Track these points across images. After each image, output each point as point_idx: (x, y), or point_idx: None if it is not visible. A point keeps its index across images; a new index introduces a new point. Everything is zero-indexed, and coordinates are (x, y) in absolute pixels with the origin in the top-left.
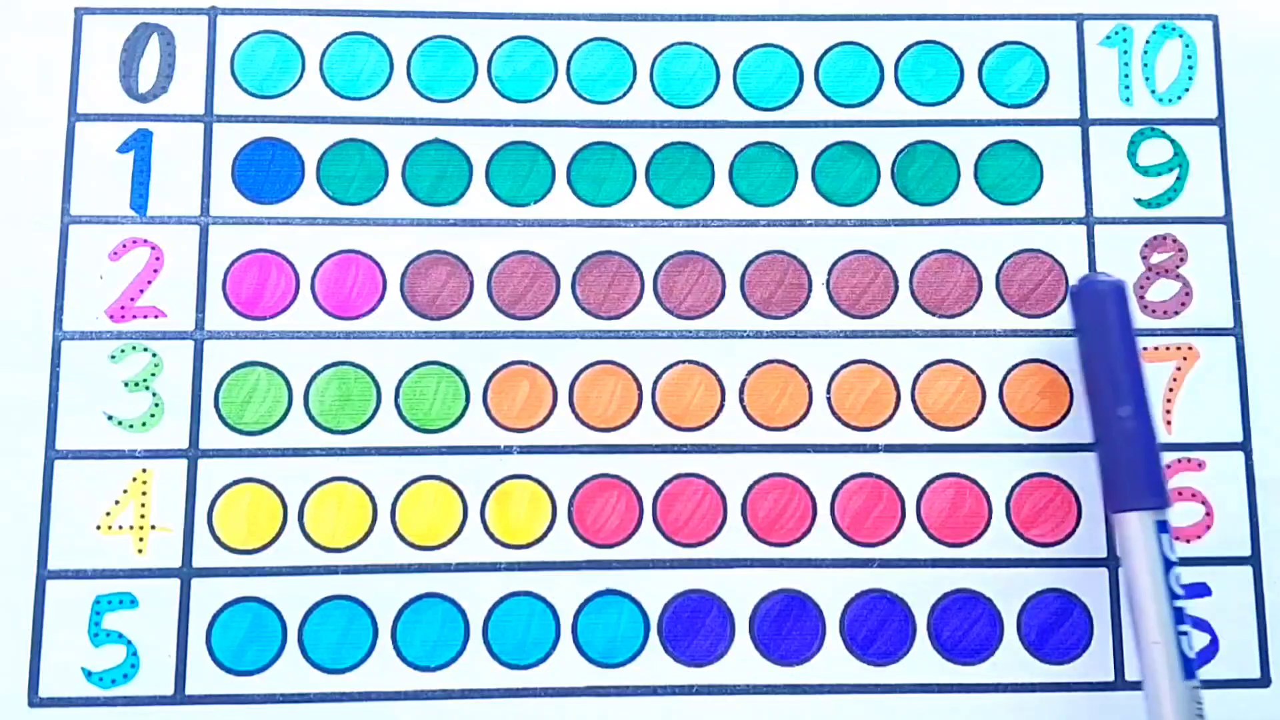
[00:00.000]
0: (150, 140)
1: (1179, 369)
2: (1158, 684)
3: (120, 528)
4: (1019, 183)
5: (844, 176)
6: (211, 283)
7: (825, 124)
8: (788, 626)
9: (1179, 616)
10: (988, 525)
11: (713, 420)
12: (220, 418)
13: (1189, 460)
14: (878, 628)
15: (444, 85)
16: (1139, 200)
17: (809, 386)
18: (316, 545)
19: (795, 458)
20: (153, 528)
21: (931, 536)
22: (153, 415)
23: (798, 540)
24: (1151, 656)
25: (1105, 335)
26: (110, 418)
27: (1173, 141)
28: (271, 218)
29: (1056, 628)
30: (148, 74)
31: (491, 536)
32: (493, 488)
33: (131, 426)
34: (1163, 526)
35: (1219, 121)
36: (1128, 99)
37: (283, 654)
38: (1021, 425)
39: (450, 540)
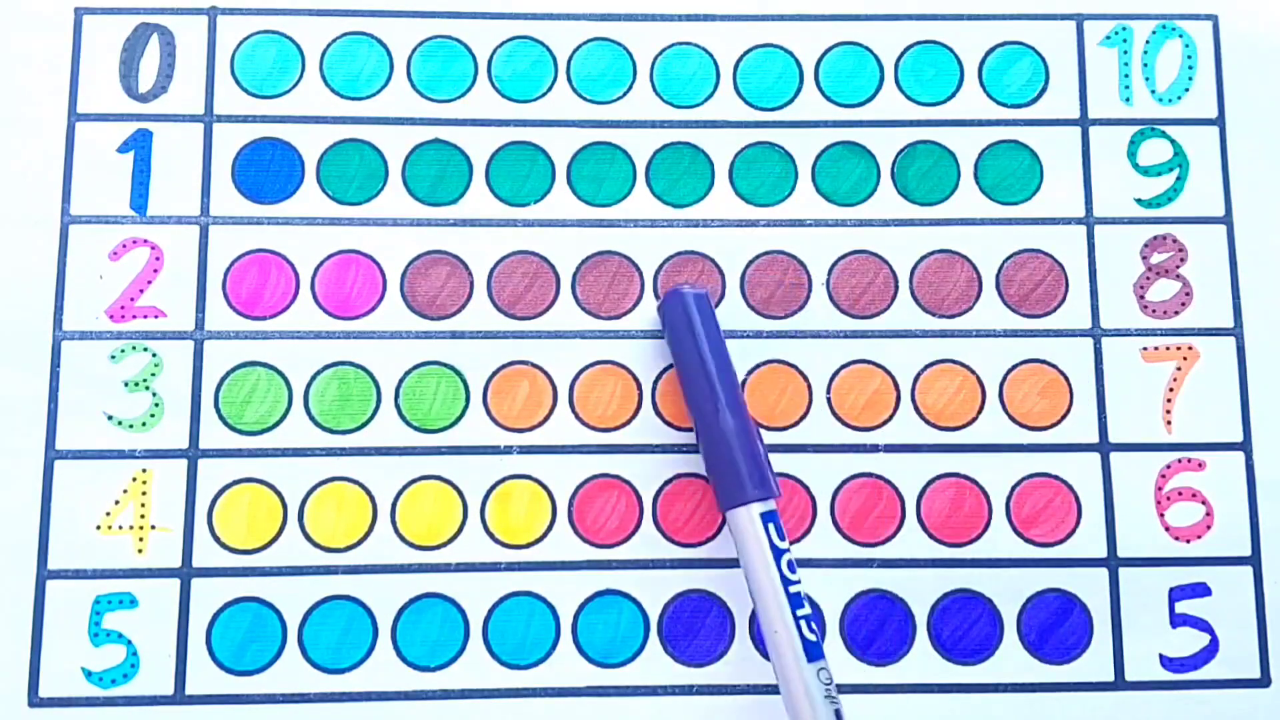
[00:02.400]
0: (150, 140)
1: (1179, 369)
2: (785, 670)
3: (120, 528)
4: (1019, 183)
5: (844, 176)
6: (211, 283)
7: (825, 124)
8: None
9: (796, 602)
10: (988, 525)
11: None
12: (220, 418)
13: (1189, 460)
14: (878, 628)
15: (444, 85)
16: (1139, 200)
17: (809, 386)
18: (316, 545)
19: (796, 458)
20: (153, 528)
21: (931, 536)
22: (153, 415)
23: (797, 540)
24: (775, 644)
25: (691, 341)
26: (110, 418)
27: (1173, 141)
28: (271, 218)
29: (1056, 628)
30: (148, 74)
31: (491, 536)
32: (493, 488)
33: (131, 426)
34: (769, 517)
35: (1219, 121)
36: (1128, 99)
37: (283, 654)
38: (1021, 425)
39: (450, 540)
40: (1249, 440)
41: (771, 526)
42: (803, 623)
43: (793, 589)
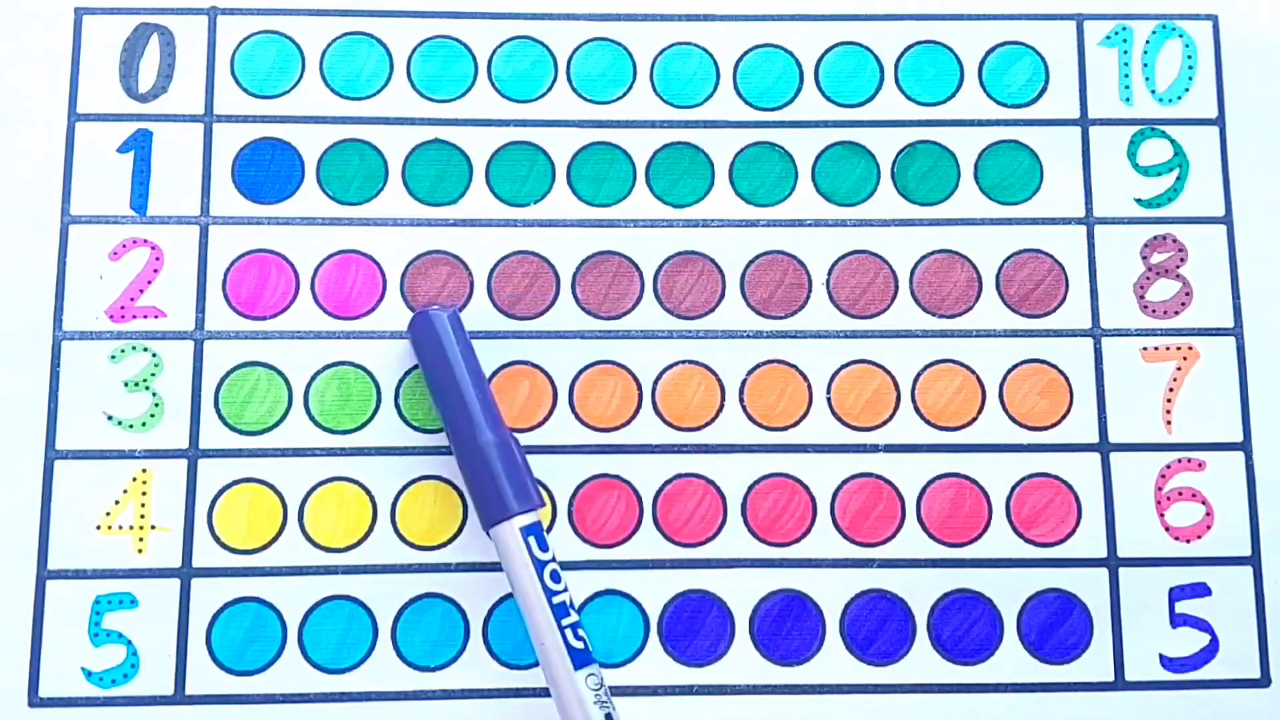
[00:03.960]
0: (150, 140)
1: (1179, 369)
2: (555, 679)
3: (120, 528)
4: (1019, 183)
5: (844, 176)
6: (211, 283)
7: (825, 124)
8: (788, 626)
9: (561, 611)
10: (988, 525)
11: (713, 420)
12: (220, 418)
13: (1189, 460)
14: (878, 628)
15: (444, 85)
16: (1139, 200)
17: (809, 386)
18: (316, 545)
19: (795, 458)
20: (153, 528)
21: (931, 536)
22: (153, 415)
23: (798, 540)
24: (544, 654)
25: (443, 362)
26: (110, 418)
27: (1173, 141)
28: (271, 218)
29: (1056, 628)
30: (148, 74)
31: None
32: None
33: (131, 426)
34: (530, 529)
35: (1219, 121)
36: (1128, 99)
37: (283, 654)
38: (1021, 425)
39: (450, 540)
40: (1249, 440)
41: (533, 539)
42: (569, 631)
43: (557, 599)
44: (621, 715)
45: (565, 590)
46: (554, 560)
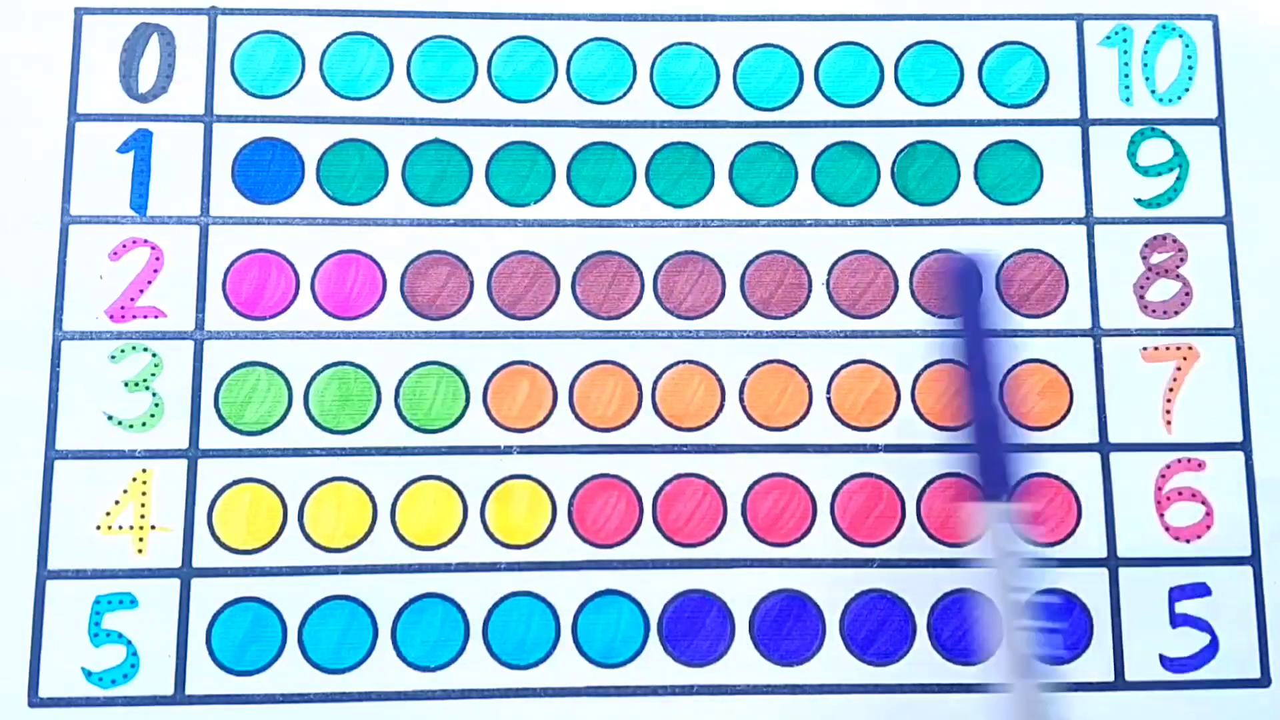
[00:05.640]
0: (150, 140)
1: (1179, 369)
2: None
3: (120, 528)
4: (1019, 183)
5: (844, 176)
6: (211, 283)
7: (825, 124)
8: (788, 626)
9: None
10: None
11: (713, 420)
12: (220, 418)
13: (1189, 460)
14: (878, 628)
15: (444, 85)
16: (1139, 200)
17: (809, 386)
18: (316, 545)
19: (795, 458)
20: (153, 528)
21: (931, 536)
22: (153, 415)
23: (797, 540)
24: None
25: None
26: (110, 418)
27: (1173, 141)
28: (271, 218)
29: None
30: (148, 74)
31: (491, 536)
32: (493, 488)
33: (131, 426)
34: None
35: (1219, 121)
36: (1128, 99)
37: (283, 654)
38: (1021, 425)
39: (450, 540)
40: (1249, 440)
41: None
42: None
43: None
44: (619, 715)
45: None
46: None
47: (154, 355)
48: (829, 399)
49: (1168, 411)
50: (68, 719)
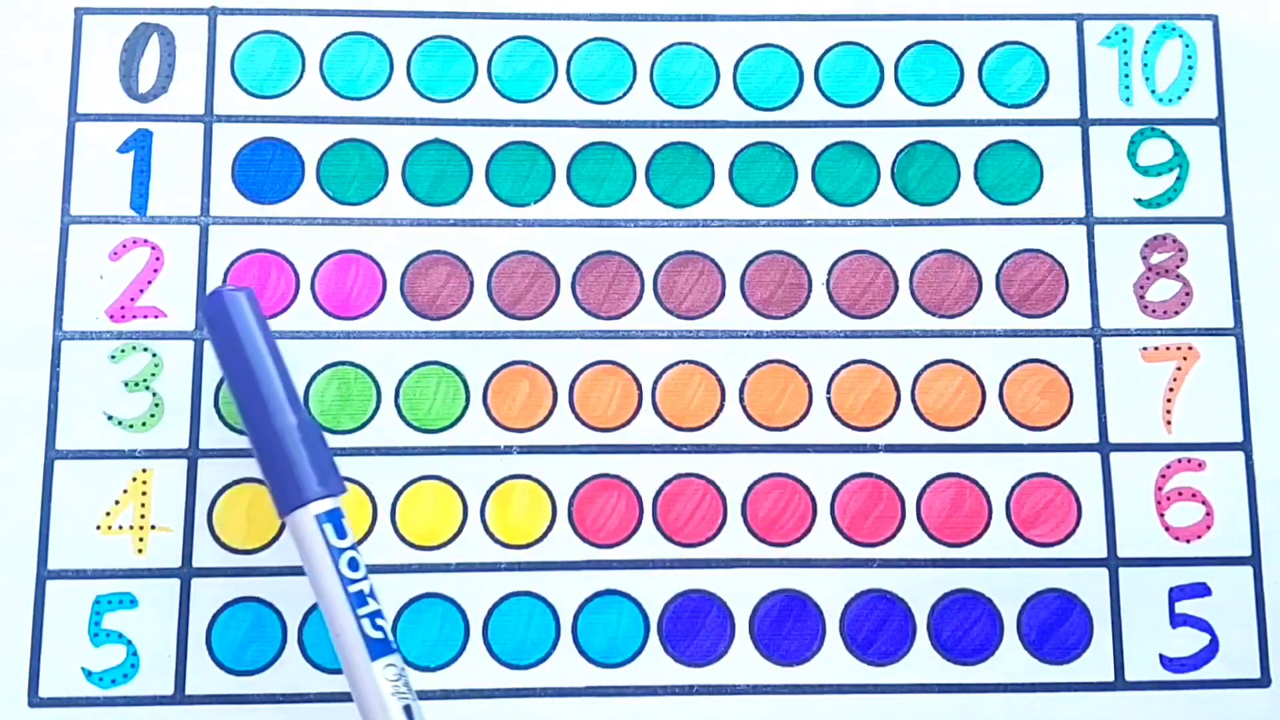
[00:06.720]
0: (150, 140)
1: (1179, 369)
2: (352, 670)
3: (120, 528)
4: (1019, 183)
5: (844, 176)
6: (211, 283)
7: (825, 124)
8: (788, 626)
9: (358, 600)
10: (988, 525)
11: (713, 420)
12: (220, 417)
13: (1189, 460)
14: (878, 628)
15: (444, 85)
16: (1139, 200)
17: (809, 386)
18: None
19: (795, 458)
20: (153, 528)
21: (931, 536)
22: (153, 415)
23: (798, 540)
24: (340, 645)
25: (236, 344)
26: (110, 418)
27: (1173, 141)
28: (271, 218)
29: (1056, 628)
30: (148, 74)
31: (491, 536)
32: (493, 488)
33: (131, 426)
34: (328, 516)
35: (1219, 121)
36: (1128, 99)
37: (283, 654)
38: (1021, 425)
39: (450, 540)
40: (1249, 440)
41: (329, 526)
42: (366, 621)
43: (354, 588)
44: (619, 715)
45: (365, 579)
46: (354, 548)
47: (154, 355)
48: (829, 399)
49: (1168, 411)
50: (68, 719)
